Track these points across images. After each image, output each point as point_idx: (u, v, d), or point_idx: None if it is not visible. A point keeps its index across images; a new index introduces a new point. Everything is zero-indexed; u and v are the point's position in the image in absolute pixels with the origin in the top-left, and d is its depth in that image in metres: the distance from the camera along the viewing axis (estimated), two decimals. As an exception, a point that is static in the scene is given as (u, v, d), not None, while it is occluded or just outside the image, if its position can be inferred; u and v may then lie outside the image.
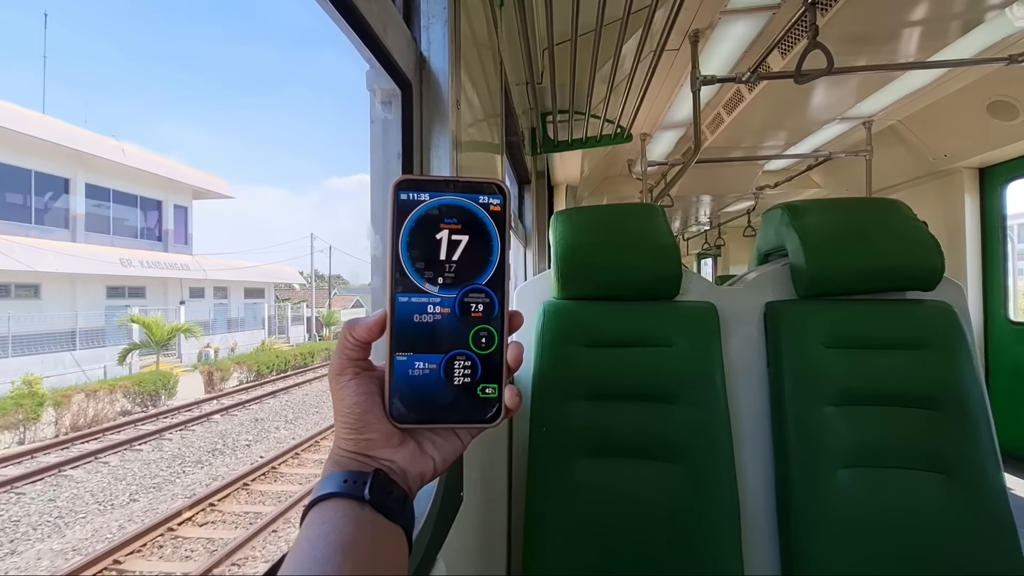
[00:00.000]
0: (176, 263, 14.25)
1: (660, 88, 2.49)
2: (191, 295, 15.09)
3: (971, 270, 2.74)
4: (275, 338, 17.66)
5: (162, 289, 14.23)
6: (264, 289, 19.06)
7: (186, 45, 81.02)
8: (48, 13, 29.17)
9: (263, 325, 17.44)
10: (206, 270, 15.10)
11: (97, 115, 53.30)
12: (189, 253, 15.46)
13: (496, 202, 0.32)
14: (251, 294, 18.33)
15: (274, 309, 19.10)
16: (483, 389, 0.32)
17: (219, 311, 16.18)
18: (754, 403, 1.07)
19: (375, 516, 0.29)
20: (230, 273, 16.70)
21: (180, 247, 15.34)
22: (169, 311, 13.22)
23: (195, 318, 14.02)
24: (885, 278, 1.04)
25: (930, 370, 0.98)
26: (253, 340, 15.65)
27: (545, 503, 0.95)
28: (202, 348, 13.17)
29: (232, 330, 16.09)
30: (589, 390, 1.00)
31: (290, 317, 19.42)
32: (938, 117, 2.70)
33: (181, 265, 14.38)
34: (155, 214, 14.77)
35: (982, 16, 1.76)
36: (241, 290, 17.72)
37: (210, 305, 15.76)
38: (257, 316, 17.63)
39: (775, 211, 1.18)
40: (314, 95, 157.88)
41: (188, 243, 15.80)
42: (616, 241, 1.08)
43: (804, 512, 0.95)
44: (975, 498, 0.92)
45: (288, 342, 17.92)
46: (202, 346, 13.16)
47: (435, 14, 0.77)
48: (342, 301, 28.89)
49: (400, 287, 0.32)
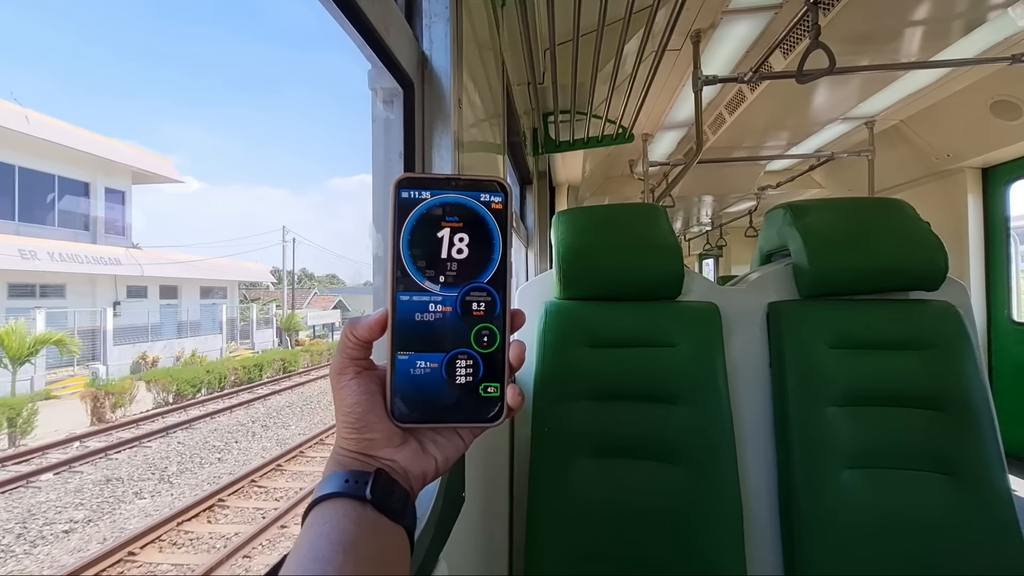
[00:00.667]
0: (103, 256, 11.70)
1: (662, 88, 2.49)
2: (129, 295, 12.86)
3: (974, 270, 2.73)
4: (236, 344, 15.73)
5: (89, 287, 11.77)
6: (227, 288, 16.74)
7: (187, 46, 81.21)
8: (49, 14, 28.99)
9: (221, 329, 15.10)
10: (142, 265, 12.68)
11: (98, 116, 53.45)
12: (128, 246, 13.16)
13: (498, 200, 0.32)
14: (210, 293, 15.98)
15: (238, 311, 16.92)
16: (485, 388, 0.32)
17: (167, 313, 13.98)
18: (757, 404, 1.07)
19: (377, 516, 0.29)
20: (180, 269, 14.24)
21: (114, 238, 12.87)
22: (96, 314, 11.19)
23: (132, 322, 12.16)
24: (888, 278, 1.04)
25: (934, 371, 0.98)
26: (210, 346, 13.82)
27: (547, 503, 0.95)
28: (136, 358, 11.46)
29: (185, 335, 13.95)
30: (591, 390, 1.00)
31: (255, 320, 17.14)
32: (941, 117, 2.69)
33: (109, 259, 11.82)
34: (80, 199, 12.23)
35: (985, 16, 1.75)
36: (196, 289, 15.34)
37: (154, 306, 13.51)
38: (215, 319, 15.29)
39: (778, 211, 1.18)
40: (316, 96, 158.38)
41: (126, 234, 13.44)
42: (618, 241, 1.08)
43: (807, 513, 0.95)
44: (979, 499, 0.91)
45: (253, 348, 15.89)
46: (137, 356, 11.49)
47: (437, 13, 0.77)
48: (322, 301, 26.88)
49: (401, 286, 0.31)
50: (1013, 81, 2.25)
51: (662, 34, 1.47)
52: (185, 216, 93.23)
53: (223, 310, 15.47)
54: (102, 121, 56.24)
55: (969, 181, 2.76)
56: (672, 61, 2.18)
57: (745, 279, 1.25)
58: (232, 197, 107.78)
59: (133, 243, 13.77)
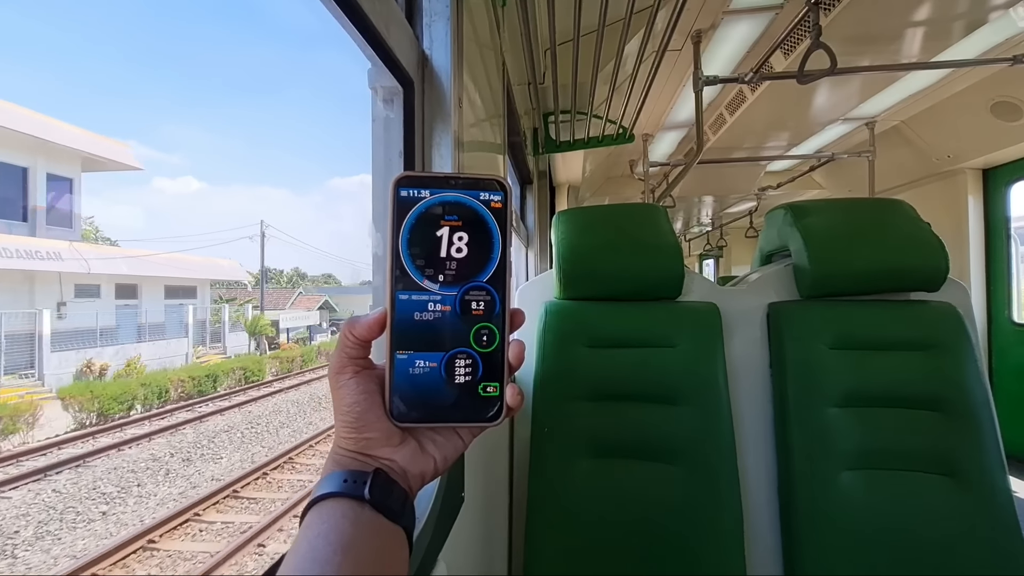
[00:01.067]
0: (40, 250, 10.22)
1: (662, 88, 2.49)
2: (78, 294, 11.47)
3: (974, 271, 2.73)
4: (205, 349, 14.36)
5: (27, 285, 10.36)
6: (196, 287, 15.33)
7: (188, 46, 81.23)
8: (52, 13, 28.61)
9: (186, 332, 13.63)
10: (88, 260, 11.15)
11: (98, 115, 53.47)
12: (75, 239, 11.68)
13: (497, 199, 0.32)
14: (178, 293, 14.59)
15: (209, 312, 15.52)
16: (484, 388, 0.32)
17: (125, 315, 12.48)
18: (757, 404, 1.07)
19: (375, 516, 0.29)
20: (139, 266, 12.75)
21: (60, 231, 11.42)
22: (34, 316, 9.74)
23: (79, 325, 10.74)
24: (889, 279, 1.04)
25: (934, 371, 0.97)
26: (174, 352, 12.48)
27: (546, 504, 0.94)
28: (81, 366, 9.83)
29: (147, 339, 12.47)
30: (591, 391, 1.00)
31: (227, 322, 15.68)
32: (941, 118, 2.69)
33: (48, 253, 10.33)
34: (15, 186, 10.69)
35: (986, 16, 1.75)
36: (160, 288, 13.93)
37: (108, 307, 12.09)
38: (182, 321, 13.80)
39: (778, 211, 1.18)
40: (316, 96, 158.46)
41: (74, 226, 12.05)
42: (618, 241, 1.07)
43: (807, 514, 0.95)
44: (979, 500, 0.91)
45: (225, 353, 14.43)
46: (82, 364, 9.88)
47: (437, 12, 0.77)
48: (308, 301, 24.55)
49: (400, 284, 0.31)
50: (1014, 82, 2.25)
51: (663, 34, 1.47)
52: (185, 216, 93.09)
53: (190, 311, 13.93)
54: (102, 121, 56.31)
55: (970, 182, 2.76)
56: (673, 61, 2.17)
57: (745, 279, 1.25)
58: (232, 197, 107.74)
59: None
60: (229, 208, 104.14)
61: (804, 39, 1.77)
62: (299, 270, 47.91)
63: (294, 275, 46.43)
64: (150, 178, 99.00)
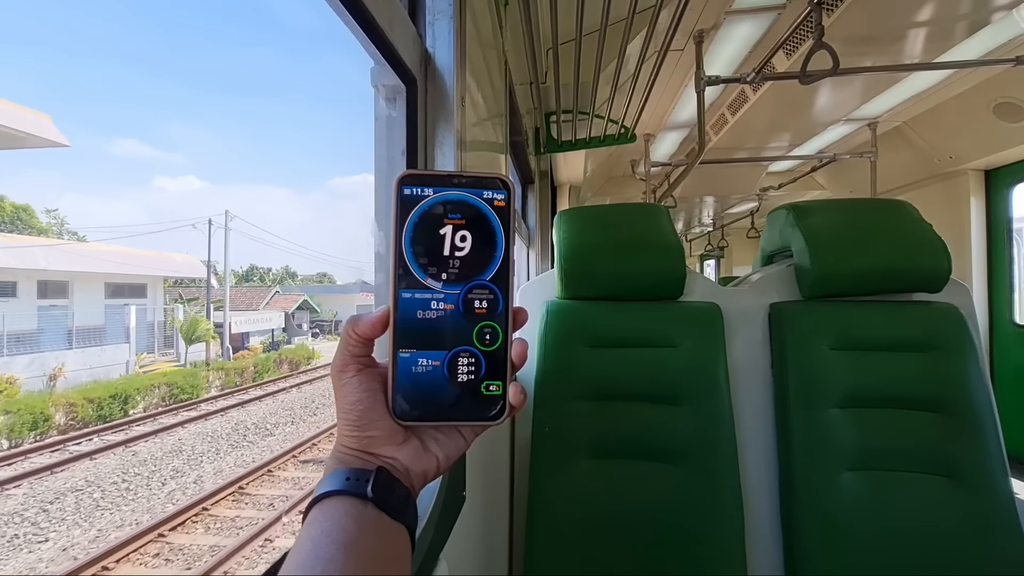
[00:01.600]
0: None
1: (664, 88, 2.48)
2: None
3: (976, 272, 2.73)
4: (156, 356, 12.74)
5: None
6: (147, 285, 13.73)
7: (190, 46, 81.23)
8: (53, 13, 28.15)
9: (127, 337, 11.86)
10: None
11: (98, 115, 53.47)
12: None
13: (500, 197, 0.32)
14: (123, 292, 13.04)
15: (163, 313, 13.95)
16: (487, 386, 0.32)
17: (51, 318, 10.77)
18: (758, 405, 1.07)
19: (378, 514, 0.29)
20: (68, 261, 11.04)
21: None
22: None
23: None
24: (891, 279, 1.03)
25: (936, 373, 0.97)
26: (112, 360, 10.68)
27: (547, 503, 0.94)
28: None
29: (79, 345, 10.70)
30: (592, 390, 0.99)
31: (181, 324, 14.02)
32: (944, 119, 2.68)
33: None
34: None
35: (989, 17, 1.75)
36: (100, 286, 12.32)
37: (27, 308, 10.48)
38: (123, 325, 12.20)
39: (780, 211, 1.17)
40: (319, 94, 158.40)
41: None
42: (620, 241, 1.07)
43: (808, 514, 0.95)
44: (981, 502, 0.91)
45: (179, 361, 12.70)
46: None
47: (440, 10, 0.77)
48: (284, 301, 22.33)
49: (403, 283, 0.31)
50: (1016, 83, 2.24)
51: (665, 34, 1.47)
52: (185, 216, 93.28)
53: (132, 313, 12.16)
54: (103, 121, 56.28)
55: (972, 183, 2.76)
56: (675, 61, 2.17)
57: (747, 280, 1.25)
58: (234, 196, 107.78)
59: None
60: (228, 208, 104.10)
61: (806, 39, 1.77)
62: (288, 268, 47.19)
63: (283, 273, 45.72)
64: (151, 177, 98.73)
